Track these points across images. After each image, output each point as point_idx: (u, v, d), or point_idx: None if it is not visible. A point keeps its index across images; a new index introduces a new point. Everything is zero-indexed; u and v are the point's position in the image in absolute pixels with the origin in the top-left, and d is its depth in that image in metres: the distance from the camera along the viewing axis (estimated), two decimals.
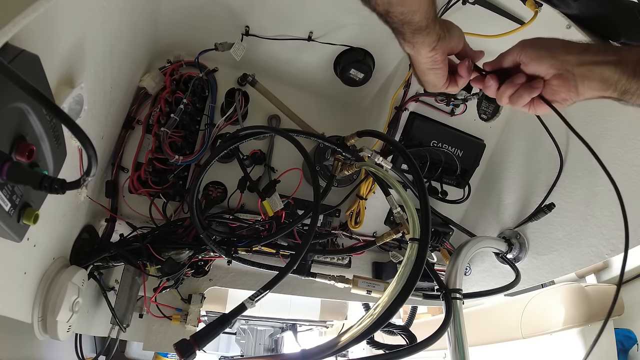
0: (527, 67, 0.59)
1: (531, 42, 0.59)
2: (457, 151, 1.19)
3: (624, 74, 0.52)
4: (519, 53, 0.59)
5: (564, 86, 0.56)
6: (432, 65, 0.64)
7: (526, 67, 0.59)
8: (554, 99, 0.59)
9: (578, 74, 0.55)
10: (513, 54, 0.60)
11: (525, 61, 0.58)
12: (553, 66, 0.56)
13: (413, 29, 0.58)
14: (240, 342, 3.27)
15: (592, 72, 0.54)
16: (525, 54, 0.58)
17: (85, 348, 1.04)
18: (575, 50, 0.55)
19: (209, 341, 0.63)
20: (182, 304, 1.07)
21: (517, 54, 0.59)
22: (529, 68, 0.59)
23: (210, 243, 0.86)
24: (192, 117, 1.03)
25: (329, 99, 1.25)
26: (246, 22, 1.02)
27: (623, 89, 0.53)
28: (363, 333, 0.65)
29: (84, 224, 0.91)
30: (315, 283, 1.01)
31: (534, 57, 0.57)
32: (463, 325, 0.79)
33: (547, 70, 0.57)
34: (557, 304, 1.76)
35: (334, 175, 0.98)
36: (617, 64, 0.53)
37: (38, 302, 0.70)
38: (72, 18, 0.54)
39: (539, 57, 0.57)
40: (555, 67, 0.56)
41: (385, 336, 1.42)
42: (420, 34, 0.58)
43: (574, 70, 0.55)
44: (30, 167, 0.47)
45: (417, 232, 0.73)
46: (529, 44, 0.59)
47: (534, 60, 0.57)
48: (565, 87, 0.56)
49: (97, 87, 0.71)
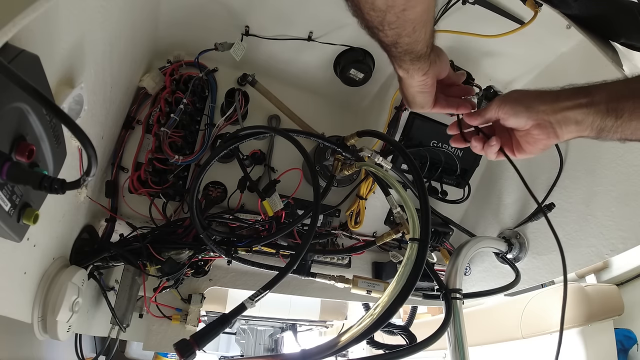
0: (506, 122, 0.63)
1: (507, 99, 0.63)
2: (457, 151, 1.19)
3: (598, 114, 0.55)
4: (497, 110, 0.63)
5: (543, 134, 0.61)
6: (423, 89, 0.67)
7: (505, 122, 0.64)
8: (537, 145, 0.64)
9: (554, 121, 0.59)
10: (491, 111, 0.64)
11: (504, 117, 0.63)
12: (530, 118, 0.60)
13: (413, 57, 0.61)
14: (240, 342, 3.27)
15: (567, 117, 0.58)
16: (502, 111, 0.63)
17: (85, 348, 1.04)
18: (548, 100, 0.60)
19: (209, 341, 0.63)
20: (182, 304, 1.07)
21: (496, 111, 0.64)
22: (508, 122, 0.63)
23: (210, 243, 0.86)
24: (192, 117, 1.03)
25: (329, 99, 1.25)
26: (246, 22, 1.02)
27: (599, 127, 0.56)
28: (363, 333, 0.65)
29: (84, 224, 0.91)
30: (315, 283, 1.01)
31: (511, 113, 0.62)
32: (463, 325, 0.79)
33: (525, 122, 0.61)
34: (557, 304, 1.76)
35: (334, 175, 0.98)
36: (589, 106, 0.56)
37: (38, 302, 0.70)
38: (72, 18, 0.54)
39: (516, 113, 0.61)
40: (532, 119, 0.60)
41: (385, 336, 1.42)
42: (419, 61, 0.62)
43: (549, 119, 0.59)
44: (30, 167, 0.47)
45: (417, 232, 0.72)
46: (505, 101, 0.63)
47: (511, 115, 0.62)
48: (545, 134, 0.61)
49: (97, 87, 0.71)
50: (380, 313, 0.66)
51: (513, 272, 1.05)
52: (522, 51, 1.11)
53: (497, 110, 0.63)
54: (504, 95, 0.65)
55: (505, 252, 1.10)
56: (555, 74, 1.12)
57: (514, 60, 1.15)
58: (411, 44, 0.57)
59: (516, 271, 1.05)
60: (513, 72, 1.20)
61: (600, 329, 1.78)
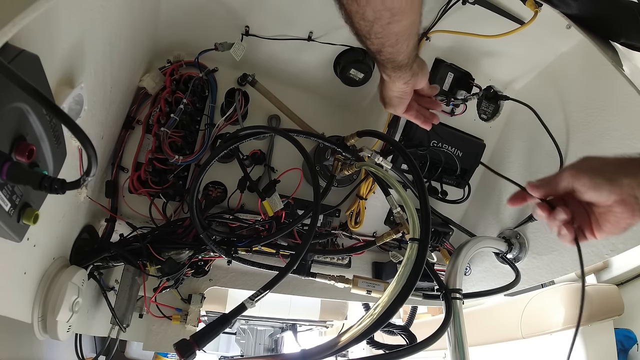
0: (583, 196, 0.55)
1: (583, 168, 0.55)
2: (457, 151, 1.19)
3: None
4: (572, 180, 0.56)
5: (627, 211, 0.53)
6: (401, 95, 0.72)
7: (582, 196, 0.55)
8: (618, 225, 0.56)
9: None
10: (564, 180, 0.56)
11: (581, 190, 0.55)
12: (612, 192, 0.52)
13: (394, 66, 0.66)
14: (240, 342, 3.27)
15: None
16: (580, 182, 0.55)
17: (85, 348, 1.04)
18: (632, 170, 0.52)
19: (209, 341, 0.63)
20: (182, 304, 1.07)
21: (570, 181, 0.56)
22: (586, 196, 0.55)
23: (210, 243, 0.86)
24: (192, 117, 1.03)
25: (329, 99, 1.25)
26: (246, 22, 1.02)
27: None
28: (363, 333, 0.65)
29: (84, 224, 0.91)
30: (315, 283, 1.01)
31: (591, 186, 0.54)
32: (463, 325, 0.79)
33: (607, 197, 0.53)
34: (557, 304, 1.76)
35: (334, 175, 0.98)
36: None
37: (38, 302, 0.70)
38: (72, 18, 0.54)
39: (596, 185, 0.53)
40: (615, 193, 0.52)
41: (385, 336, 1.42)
42: (400, 70, 0.67)
43: (635, 193, 0.51)
44: (30, 167, 0.47)
45: (417, 232, 0.72)
46: (581, 170, 0.55)
47: (590, 189, 0.54)
48: (629, 212, 0.53)
49: (97, 87, 0.71)
50: (380, 313, 0.66)
51: (513, 272, 1.05)
52: (522, 51, 1.11)
53: (572, 181, 0.55)
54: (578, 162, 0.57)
55: (505, 252, 1.10)
56: (555, 74, 1.13)
57: (514, 60, 1.15)
58: (393, 54, 0.62)
59: (516, 271, 1.05)
60: (513, 72, 1.20)
61: (600, 329, 1.79)
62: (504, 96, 1.19)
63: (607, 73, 0.90)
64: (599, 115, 0.97)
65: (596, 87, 0.99)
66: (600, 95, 0.97)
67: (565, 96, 1.09)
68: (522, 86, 1.24)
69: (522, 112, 1.15)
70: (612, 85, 0.92)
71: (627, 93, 0.87)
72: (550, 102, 1.11)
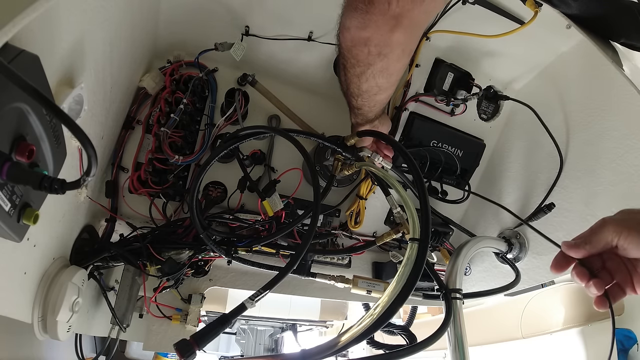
0: (627, 252, 0.52)
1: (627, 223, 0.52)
2: (457, 151, 1.19)
3: None
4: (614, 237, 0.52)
5: None
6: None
7: (625, 252, 0.53)
8: None
9: None
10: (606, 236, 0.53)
11: (624, 246, 0.52)
12: None
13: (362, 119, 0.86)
14: (240, 342, 3.27)
15: None
16: (623, 239, 0.52)
17: (85, 348, 1.04)
18: None
19: (209, 341, 0.63)
20: (182, 304, 1.07)
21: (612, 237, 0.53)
22: (630, 253, 0.52)
23: (210, 243, 0.86)
24: (192, 117, 1.03)
25: (329, 99, 1.25)
26: (246, 22, 1.02)
27: None
28: (363, 333, 0.65)
29: (84, 224, 0.91)
30: (315, 283, 1.01)
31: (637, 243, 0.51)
32: (463, 325, 0.79)
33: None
34: (557, 304, 1.76)
35: (334, 175, 0.98)
36: None
37: (38, 302, 0.70)
38: (72, 18, 0.54)
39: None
40: None
41: (385, 336, 1.42)
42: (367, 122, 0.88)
43: None
44: (30, 167, 0.47)
45: (417, 232, 0.72)
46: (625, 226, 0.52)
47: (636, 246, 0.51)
48: None
49: (97, 87, 0.71)
50: (380, 313, 0.66)
51: (513, 272, 1.05)
52: (522, 51, 1.11)
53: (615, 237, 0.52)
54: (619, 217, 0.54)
55: (505, 252, 1.10)
56: (555, 73, 1.13)
57: (514, 60, 1.15)
58: (367, 112, 0.83)
59: (516, 271, 1.05)
60: (513, 72, 1.20)
61: (600, 329, 1.78)
62: (504, 96, 1.19)
63: (607, 73, 0.90)
64: (599, 115, 0.97)
65: (596, 87, 0.99)
66: (600, 95, 0.97)
67: (565, 96, 1.09)
68: (522, 86, 1.24)
69: (522, 112, 1.15)
70: (612, 85, 0.92)
71: (627, 93, 0.87)
72: (550, 102, 1.11)
